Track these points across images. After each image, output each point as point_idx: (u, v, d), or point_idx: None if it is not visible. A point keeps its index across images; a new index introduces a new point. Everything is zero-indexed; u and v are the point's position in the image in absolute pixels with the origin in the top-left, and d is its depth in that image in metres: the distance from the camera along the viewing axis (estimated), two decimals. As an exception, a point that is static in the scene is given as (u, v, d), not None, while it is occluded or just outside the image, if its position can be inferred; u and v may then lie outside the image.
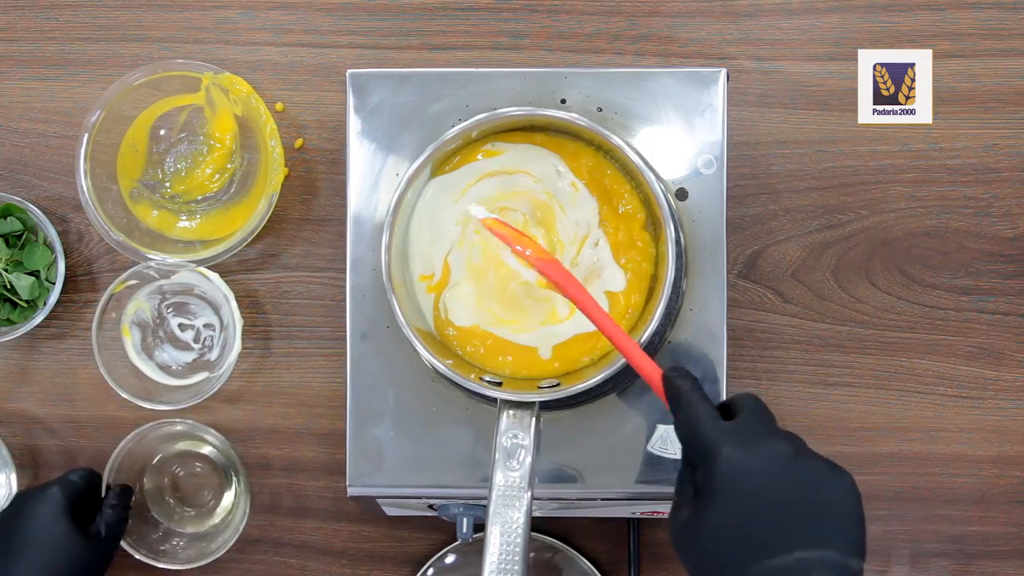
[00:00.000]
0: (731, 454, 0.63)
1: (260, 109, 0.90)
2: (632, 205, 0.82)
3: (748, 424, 0.65)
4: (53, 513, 0.84)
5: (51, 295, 0.93)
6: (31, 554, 0.82)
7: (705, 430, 0.64)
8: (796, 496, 0.62)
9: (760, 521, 0.62)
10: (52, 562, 0.82)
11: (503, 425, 0.76)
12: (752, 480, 0.62)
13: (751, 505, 0.62)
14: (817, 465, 0.64)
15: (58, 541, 0.83)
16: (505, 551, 0.72)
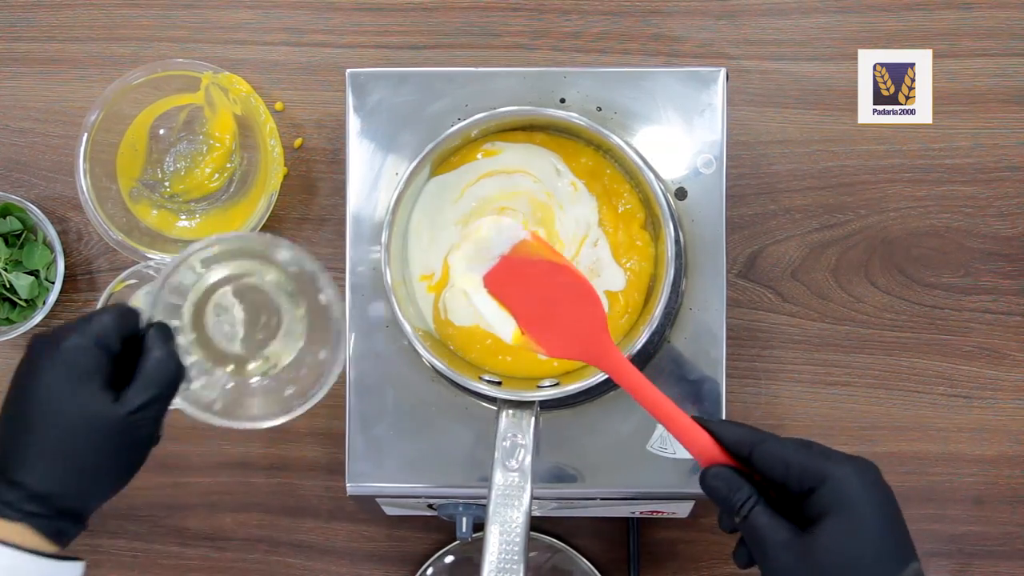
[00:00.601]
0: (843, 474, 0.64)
1: (259, 109, 0.90)
2: (631, 205, 0.82)
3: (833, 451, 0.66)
4: (73, 379, 0.63)
5: (50, 294, 0.93)
6: (49, 434, 0.63)
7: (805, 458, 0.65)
8: (893, 511, 0.65)
9: (880, 539, 0.63)
10: (72, 447, 0.63)
11: (503, 425, 0.76)
12: (864, 492, 0.64)
13: (866, 517, 0.63)
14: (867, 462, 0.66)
15: (81, 417, 0.63)
16: (504, 551, 0.72)
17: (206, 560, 0.95)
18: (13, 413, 0.64)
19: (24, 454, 0.62)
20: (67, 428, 0.63)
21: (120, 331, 0.65)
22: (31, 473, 0.62)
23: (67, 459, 0.63)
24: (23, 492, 0.62)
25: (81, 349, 0.63)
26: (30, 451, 0.62)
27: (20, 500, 0.62)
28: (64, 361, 0.63)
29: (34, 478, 0.62)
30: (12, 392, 0.64)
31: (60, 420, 0.63)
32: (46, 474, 0.63)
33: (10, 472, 0.62)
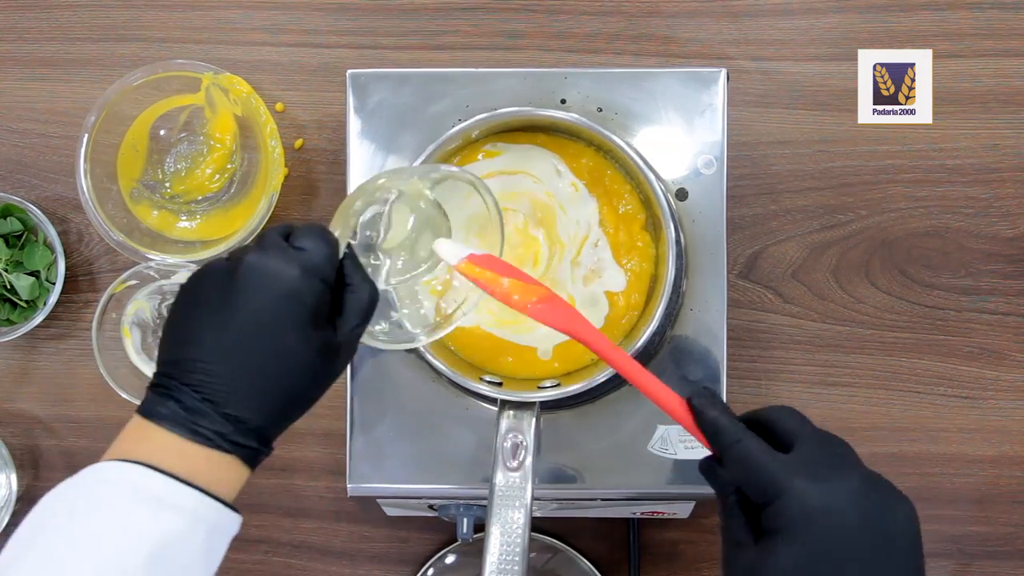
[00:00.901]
0: (804, 491, 0.59)
1: (260, 109, 0.90)
2: (632, 205, 0.82)
3: (810, 454, 0.61)
4: (303, 318, 0.62)
5: (51, 295, 0.93)
6: (270, 371, 0.62)
7: (766, 469, 0.60)
8: (867, 530, 0.59)
9: (837, 559, 0.59)
10: (291, 383, 0.63)
11: (503, 425, 0.76)
12: (827, 518, 0.59)
13: (827, 544, 0.59)
14: (884, 492, 0.61)
15: (303, 355, 0.62)
16: (505, 551, 0.72)
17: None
18: (228, 345, 0.61)
19: (244, 391, 0.61)
20: (290, 366, 0.62)
21: (336, 263, 0.64)
22: (248, 408, 0.61)
23: (283, 394, 0.63)
24: (240, 426, 0.61)
25: (308, 289, 0.62)
26: (252, 388, 0.61)
27: (233, 433, 0.61)
28: (292, 300, 0.62)
29: (251, 413, 0.62)
30: (221, 318, 0.62)
31: (285, 359, 0.62)
32: (262, 410, 0.62)
33: (225, 406, 0.61)
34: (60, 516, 0.59)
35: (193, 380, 0.61)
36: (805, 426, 0.64)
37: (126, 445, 0.62)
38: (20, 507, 0.96)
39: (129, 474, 0.59)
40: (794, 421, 0.64)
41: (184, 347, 0.62)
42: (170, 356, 0.62)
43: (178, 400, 0.61)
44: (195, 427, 0.60)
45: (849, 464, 0.62)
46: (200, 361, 0.61)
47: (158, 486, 0.59)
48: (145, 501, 0.59)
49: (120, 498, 0.58)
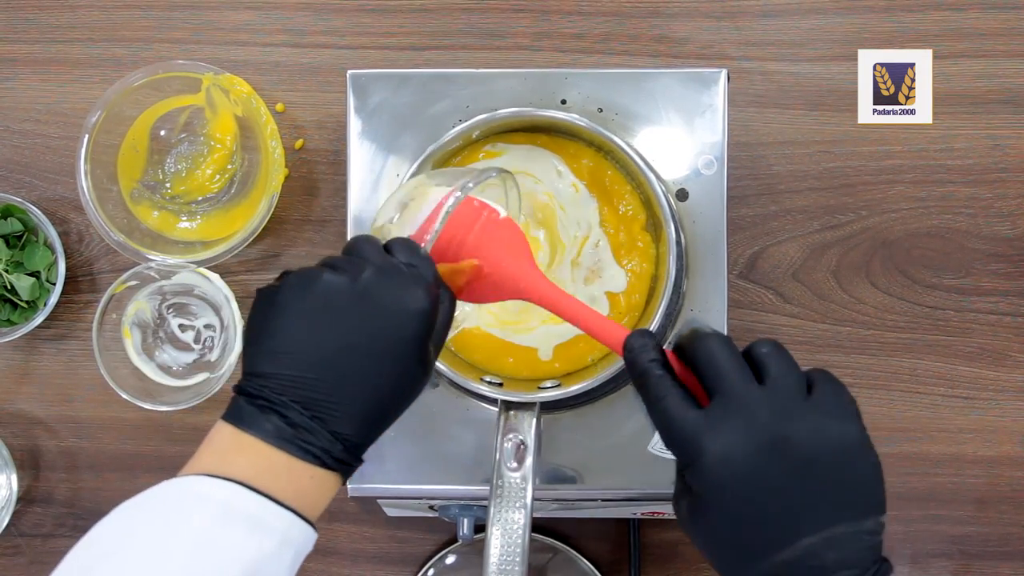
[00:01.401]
0: (712, 454, 0.57)
1: (260, 110, 0.90)
2: (633, 206, 0.82)
3: (723, 408, 0.58)
4: (414, 344, 0.62)
5: (51, 296, 0.93)
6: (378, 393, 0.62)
7: (678, 425, 0.58)
8: (791, 478, 0.57)
9: (757, 519, 0.57)
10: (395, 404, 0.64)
11: (503, 425, 0.76)
12: (740, 479, 0.57)
13: (745, 504, 0.57)
14: (809, 429, 0.57)
15: (408, 377, 0.63)
16: (506, 552, 0.72)
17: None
18: (346, 366, 0.60)
19: (355, 410, 0.61)
20: (404, 386, 0.62)
21: (440, 281, 0.64)
22: (355, 426, 0.61)
23: (390, 412, 0.63)
24: (346, 444, 0.61)
25: (429, 308, 0.61)
26: (363, 408, 0.61)
27: (340, 451, 0.61)
28: (417, 321, 0.61)
29: (357, 431, 0.61)
30: (338, 336, 0.60)
31: (401, 380, 0.62)
32: (367, 427, 0.62)
33: (334, 424, 0.60)
34: (150, 525, 0.57)
35: (300, 396, 0.60)
36: (726, 368, 0.59)
37: (217, 456, 0.60)
38: (20, 507, 0.96)
39: (221, 490, 0.58)
40: (719, 363, 0.59)
41: (293, 362, 0.60)
42: (273, 368, 0.60)
43: (283, 415, 0.59)
44: (303, 444, 0.59)
45: (774, 405, 0.58)
46: (313, 379, 0.60)
47: (253, 506, 0.58)
48: (239, 519, 0.57)
49: (213, 514, 0.57)
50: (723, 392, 0.58)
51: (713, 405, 0.58)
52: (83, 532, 0.96)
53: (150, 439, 0.96)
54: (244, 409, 0.60)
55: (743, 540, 0.58)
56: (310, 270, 0.62)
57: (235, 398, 0.61)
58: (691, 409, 0.59)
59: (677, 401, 0.59)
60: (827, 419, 0.58)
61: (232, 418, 0.60)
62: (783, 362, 0.61)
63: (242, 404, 0.60)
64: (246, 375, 0.61)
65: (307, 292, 0.61)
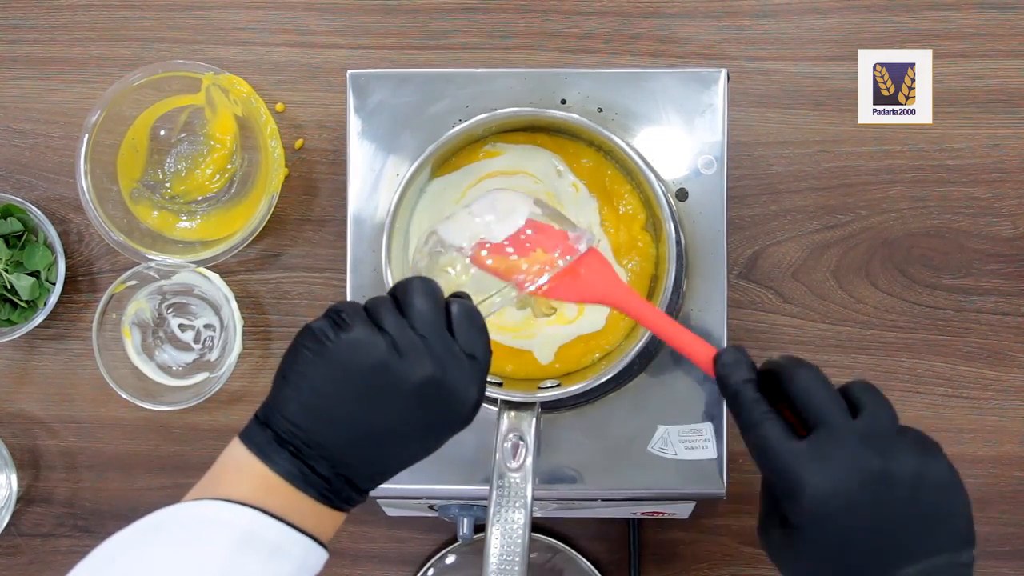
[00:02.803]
0: (816, 486, 0.57)
1: (260, 109, 0.90)
2: (632, 205, 0.82)
3: (826, 440, 0.58)
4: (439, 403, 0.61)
5: (51, 296, 0.93)
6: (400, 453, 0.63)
7: (779, 456, 0.58)
8: (891, 512, 0.58)
9: (858, 550, 0.58)
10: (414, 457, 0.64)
11: (504, 425, 0.76)
12: (844, 512, 0.58)
13: (847, 536, 0.58)
14: (908, 465, 0.59)
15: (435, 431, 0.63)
16: (506, 552, 0.72)
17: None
18: (382, 432, 0.61)
19: (379, 470, 0.62)
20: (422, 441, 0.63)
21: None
22: (376, 483, 0.63)
23: (406, 461, 0.63)
24: (355, 490, 0.62)
25: (477, 404, 0.62)
26: (386, 468, 0.63)
27: (356, 498, 0.63)
28: (466, 415, 0.62)
29: (372, 485, 0.63)
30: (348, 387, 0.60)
31: (426, 453, 0.63)
32: (382, 482, 0.63)
33: (357, 480, 0.62)
34: (170, 549, 0.58)
35: (332, 457, 0.60)
36: (826, 402, 0.60)
37: (237, 483, 0.60)
38: (20, 507, 0.96)
39: (243, 517, 0.59)
40: (818, 397, 0.60)
41: (334, 431, 0.60)
42: (311, 425, 0.60)
43: (311, 467, 0.60)
44: (326, 492, 0.61)
45: (873, 442, 0.59)
46: (352, 453, 0.60)
47: (273, 532, 0.59)
48: (259, 546, 0.58)
49: (233, 540, 0.58)
50: (826, 425, 0.59)
51: (815, 437, 0.59)
52: (83, 532, 0.96)
53: (150, 439, 0.96)
54: (271, 447, 0.60)
55: (844, 569, 0.59)
56: (370, 336, 0.60)
57: (262, 429, 0.61)
58: (792, 440, 0.59)
59: (777, 430, 0.59)
60: (923, 456, 0.60)
61: (257, 451, 0.61)
62: (877, 399, 0.61)
63: (270, 441, 0.60)
64: (279, 415, 0.61)
65: (363, 363, 0.60)
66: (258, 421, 0.61)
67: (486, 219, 0.69)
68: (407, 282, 0.62)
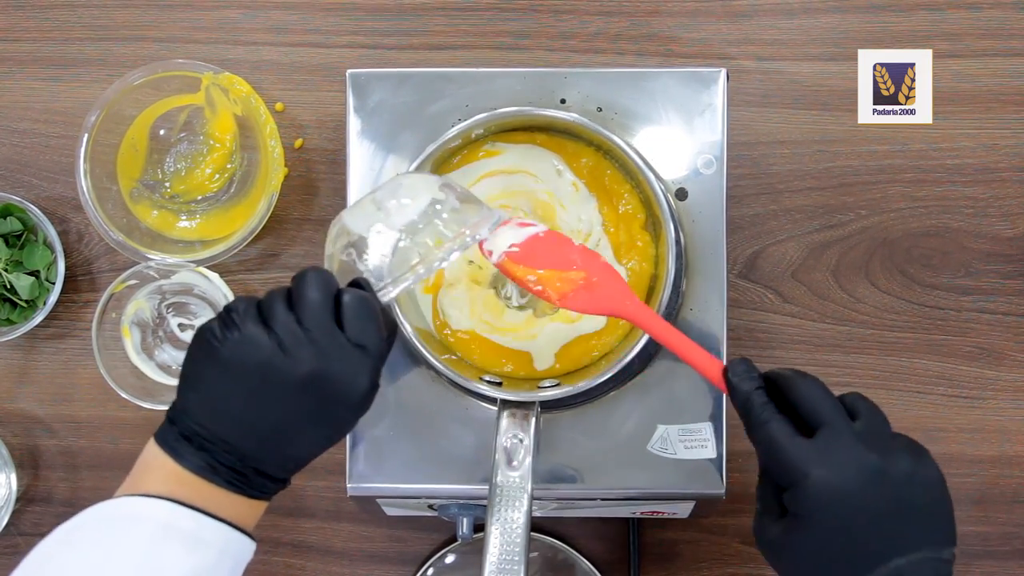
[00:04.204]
0: (820, 478, 0.61)
1: (260, 109, 0.90)
2: (632, 205, 0.82)
3: (831, 440, 0.62)
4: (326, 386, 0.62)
5: (51, 295, 0.93)
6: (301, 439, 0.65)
7: (786, 451, 0.62)
8: (884, 505, 0.62)
9: (855, 539, 0.62)
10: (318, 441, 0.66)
11: (503, 425, 0.76)
12: (843, 502, 0.61)
13: (842, 526, 0.62)
14: (903, 465, 0.62)
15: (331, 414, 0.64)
16: (505, 551, 0.72)
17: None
18: (274, 423, 0.63)
19: (282, 463, 0.65)
20: (329, 443, 0.65)
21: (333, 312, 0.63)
22: (275, 464, 0.64)
23: (309, 451, 0.65)
24: (267, 479, 0.64)
25: (368, 395, 0.64)
26: (288, 462, 0.65)
27: (263, 483, 0.64)
28: (357, 405, 0.64)
29: (285, 473, 0.65)
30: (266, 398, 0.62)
31: (329, 441, 0.65)
32: (294, 470, 0.66)
33: (255, 463, 0.63)
34: (91, 546, 0.60)
35: (233, 450, 0.63)
36: (828, 407, 0.63)
37: (152, 478, 0.63)
38: (20, 507, 0.96)
39: (159, 510, 0.61)
40: (821, 402, 0.64)
41: (231, 426, 0.63)
42: (208, 421, 0.63)
43: (210, 452, 0.62)
44: (234, 481, 0.63)
45: (871, 443, 0.62)
46: (248, 446, 0.63)
47: (189, 522, 0.61)
48: (177, 537, 0.61)
49: (152, 533, 0.60)
50: (829, 425, 0.62)
51: (819, 435, 0.62)
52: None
53: (149, 438, 0.95)
54: (179, 444, 0.63)
55: (840, 557, 0.62)
56: (255, 335, 0.62)
57: (171, 427, 0.64)
58: (798, 437, 0.63)
59: (783, 427, 0.63)
60: (917, 457, 0.63)
61: (168, 449, 0.63)
62: (871, 407, 0.65)
63: (178, 438, 0.63)
64: (183, 414, 0.63)
65: (248, 362, 0.62)
66: (168, 420, 0.64)
67: (388, 205, 0.69)
68: (301, 274, 0.64)
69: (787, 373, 0.66)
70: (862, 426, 0.63)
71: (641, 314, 0.71)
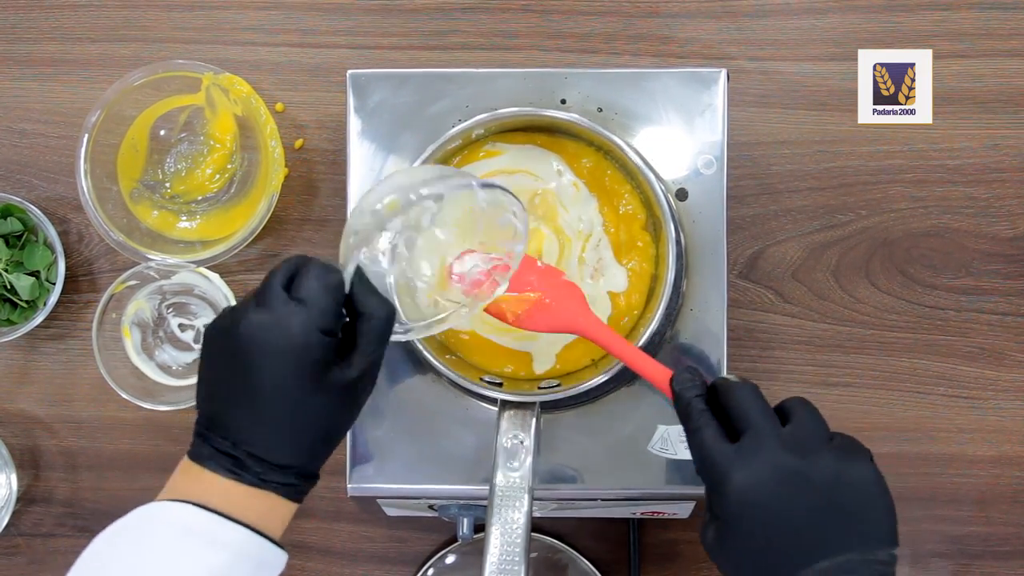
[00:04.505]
0: (738, 482, 0.63)
1: (260, 109, 0.90)
2: (632, 205, 0.82)
3: (754, 441, 0.64)
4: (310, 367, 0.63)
5: (51, 295, 0.93)
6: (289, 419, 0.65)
7: (711, 456, 0.64)
8: (810, 508, 0.62)
9: (779, 542, 0.62)
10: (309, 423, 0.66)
11: (503, 425, 0.76)
12: (763, 506, 0.62)
13: (767, 529, 0.62)
14: (828, 467, 0.63)
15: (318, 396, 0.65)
16: (505, 551, 0.72)
17: (207, 561, 0.95)
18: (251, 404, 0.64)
19: (278, 440, 0.65)
20: (313, 413, 0.65)
21: (339, 307, 0.65)
22: (285, 454, 0.65)
23: (315, 436, 0.66)
24: (266, 465, 0.65)
25: (313, 342, 0.63)
26: (283, 437, 0.65)
27: (276, 475, 0.65)
28: (299, 354, 0.63)
29: (289, 458, 0.65)
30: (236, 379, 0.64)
31: (306, 409, 0.65)
32: (299, 453, 0.66)
33: (264, 454, 0.64)
34: (115, 556, 0.63)
35: (231, 434, 0.65)
36: (755, 412, 0.65)
37: (178, 487, 0.66)
38: (20, 507, 0.96)
39: (180, 513, 0.64)
40: (749, 407, 0.65)
41: (213, 404, 0.66)
42: (206, 410, 0.66)
43: (222, 451, 0.65)
44: (240, 473, 0.64)
45: (795, 446, 0.63)
46: (231, 418, 0.65)
47: (206, 524, 0.63)
48: (194, 538, 0.63)
49: (171, 536, 0.63)
50: (752, 429, 0.64)
51: (743, 440, 0.64)
52: (82, 532, 0.96)
53: (150, 439, 0.96)
54: (197, 444, 0.66)
55: (764, 562, 0.63)
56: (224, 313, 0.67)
57: (194, 434, 0.67)
58: (723, 442, 0.64)
59: (712, 433, 0.65)
60: (845, 460, 0.64)
61: (190, 453, 0.66)
62: (807, 410, 0.66)
63: (196, 440, 0.66)
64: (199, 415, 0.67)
65: (213, 340, 0.66)
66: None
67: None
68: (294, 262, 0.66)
69: (727, 382, 0.67)
70: (791, 430, 0.64)
71: (592, 329, 0.73)
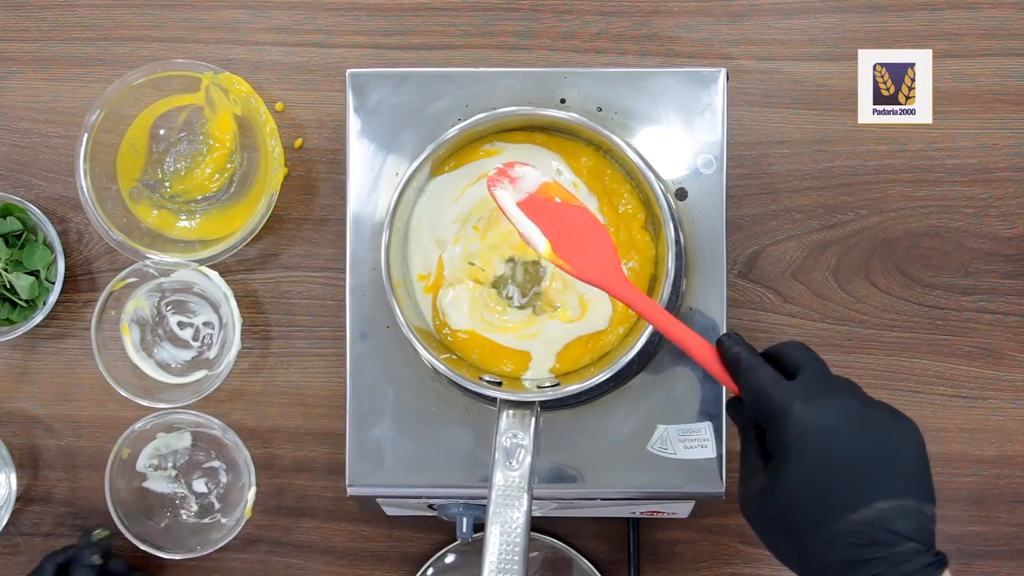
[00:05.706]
0: (801, 414, 0.64)
1: (260, 109, 0.90)
2: (632, 205, 0.82)
3: (812, 380, 0.66)
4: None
5: (51, 295, 0.93)
6: None
7: (773, 393, 0.66)
8: (867, 447, 0.63)
9: (837, 477, 0.63)
10: None
11: (503, 425, 0.76)
12: (825, 436, 0.64)
13: (826, 461, 0.63)
14: (882, 414, 0.65)
15: None
16: (505, 551, 0.72)
17: (206, 560, 0.95)
18: None
19: None
20: None
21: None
22: None
23: None
24: None
25: None
26: None
27: None
28: None
29: None
30: None
31: None
32: None
33: None
34: None
35: None
36: (809, 357, 0.68)
37: None
38: (20, 507, 0.96)
39: None
40: (800, 352, 0.69)
41: None
42: None
43: None
44: None
45: (848, 391, 0.67)
46: None
47: None
48: None
49: None
50: (811, 368, 0.67)
51: (801, 376, 0.67)
52: (82, 532, 0.96)
53: (149, 438, 0.96)
54: None
55: (822, 497, 0.63)
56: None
57: None
58: (781, 379, 0.67)
59: (768, 371, 0.67)
60: (897, 418, 0.67)
61: None
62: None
63: None
64: None
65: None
66: None
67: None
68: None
69: (773, 345, 0.70)
70: (840, 380, 0.67)
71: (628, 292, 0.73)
